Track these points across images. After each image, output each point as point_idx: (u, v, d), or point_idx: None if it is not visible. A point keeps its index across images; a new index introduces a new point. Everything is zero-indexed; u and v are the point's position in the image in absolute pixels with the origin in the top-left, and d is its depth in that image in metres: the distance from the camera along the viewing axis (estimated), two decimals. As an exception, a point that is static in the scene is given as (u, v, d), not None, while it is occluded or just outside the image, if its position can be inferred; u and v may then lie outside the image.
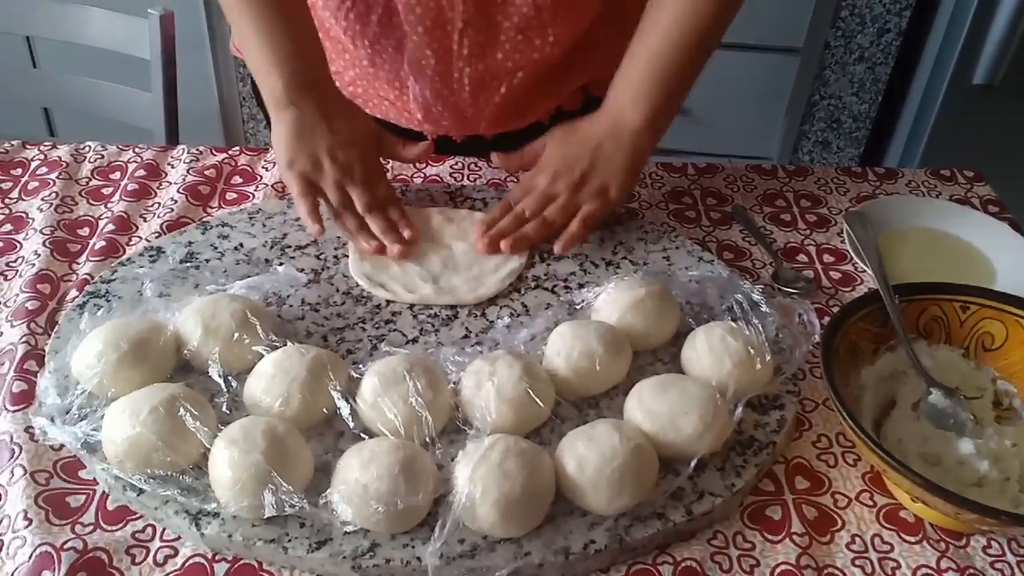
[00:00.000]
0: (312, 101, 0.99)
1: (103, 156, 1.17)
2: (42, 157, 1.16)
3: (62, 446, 0.79)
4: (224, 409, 0.80)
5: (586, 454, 0.74)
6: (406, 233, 1.00)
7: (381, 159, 1.06)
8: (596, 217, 1.02)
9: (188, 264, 0.98)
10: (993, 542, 0.76)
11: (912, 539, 0.76)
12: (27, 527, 0.73)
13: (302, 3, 1.02)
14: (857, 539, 0.76)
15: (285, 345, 0.83)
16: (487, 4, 1.03)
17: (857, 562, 0.74)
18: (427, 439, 0.77)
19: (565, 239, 1.00)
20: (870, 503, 0.79)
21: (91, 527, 0.74)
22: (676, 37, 1.00)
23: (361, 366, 0.82)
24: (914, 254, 1.05)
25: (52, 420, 0.78)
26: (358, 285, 0.96)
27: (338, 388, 0.80)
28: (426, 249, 1.01)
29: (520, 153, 1.07)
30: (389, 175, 1.16)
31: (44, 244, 1.01)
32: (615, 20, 1.09)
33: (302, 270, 0.97)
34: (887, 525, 0.77)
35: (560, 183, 1.02)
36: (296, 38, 1.00)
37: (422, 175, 1.16)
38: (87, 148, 1.18)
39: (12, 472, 0.77)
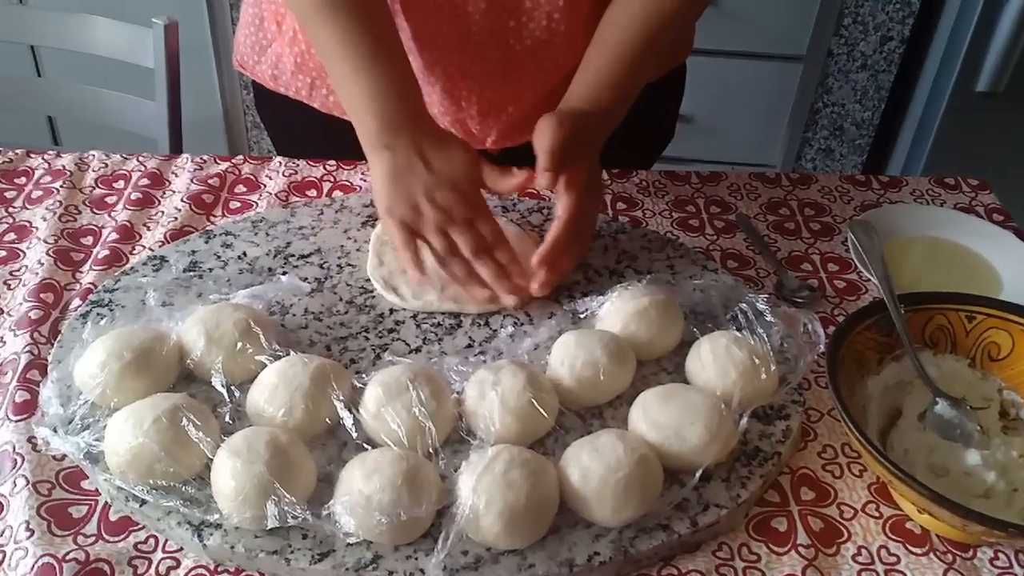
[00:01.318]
0: (406, 140, 0.94)
1: (107, 165, 1.17)
2: (46, 166, 1.16)
3: (64, 456, 0.79)
4: (227, 419, 0.80)
5: (590, 465, 0.73)
6: (519, 282, 0.95)
7: (483, 191, 0.98)
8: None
9: (191, 273, 0.97)
10: (1000, 554, 0.76)
11: (919, 551, 0.76)
12: (29, 538, 0.73)
13: (395, 36, 0.97)
14: (863, 551, 0.76)
15: (288, 354, 0.83)
16: (501, 28, 1.02)
17: (863, 574, 0.74)
18: (430, 449, 0.77)
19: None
20: (876, 514, 0.78)
21: (93, 538, 0.73)
22: (642, 30, 0.98)
23: (364, 376, 0.82)
24: (919, 263, 1.05)
25: (55, 430, 0.78)
26: (361, 294, 0.96)
27: (341, 398, 0.79)
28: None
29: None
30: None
31: (47, 253, 1.01)
32: None
33: (305, 279, 0.97)
34: (893, 537, 0.77)
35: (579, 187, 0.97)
36: (390, 75, 0.95)
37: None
38: (91, 157, 1.18)
39: (14, 482, 0.77)
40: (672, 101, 1.33)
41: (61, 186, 1.12)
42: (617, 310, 0.89)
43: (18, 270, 1.00)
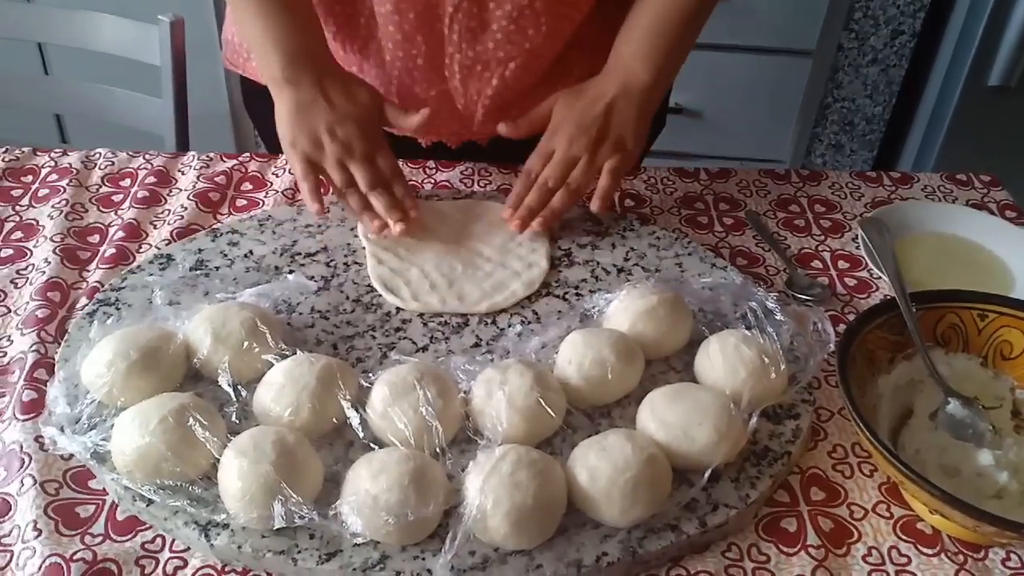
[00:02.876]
0: (310, 77, 0.99)
1: (113, 163, 1.17)
2: (52, 164, 1.16)
3: (72, 456, 0.79)
4: (234, 418, 0.80)
5: (598, 464, 0.73)
6: (412, 213, 1.00)
7: (384, 130, 1.05)
8: (621, 170, 1.03)
9: (198, 272, 0.97)
10: (1012, 555, 0.75)
11: (930, 552, 0.75)
12: (37, 537, 0.72)
13: None
14: (874, 551, 0.75)
15: (295, 354, 0.83)
16: None
17: (874, 575, 0.73)
18: (437, 449, 0.76)
19: (601, 196, 1.03)
20: (887, 515, 0.78)
21: (101, 538, 0.73)
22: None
23: (371, 375, 0.81)
24: (930, 260, 1.04)
25: (62, 429, 0.78)
26: (368, 292, 0.96)
27: (348, 397, 0.79)
28: (445, 249, 1.01)
29: (527, 118, 1.07)
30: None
31: (54, 251, 1.01)
32: (608, 20, 1.09)
33: (312, 277, 0.97)
34: (904, 537, 0.76)
35: (578, 145, 1.02)
36: (294, 18, 1.00)
37: (432, 181, 1.16)
38: (97, 155, 1.18)
39: (22, 482, 0.77)
40: None
41: (68, 184, 1.12)
42: (625, 308, 0.89)
43: (25, 269, 1.00)
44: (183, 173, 1.15)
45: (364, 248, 1.01)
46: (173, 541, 0.74)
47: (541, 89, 1.09)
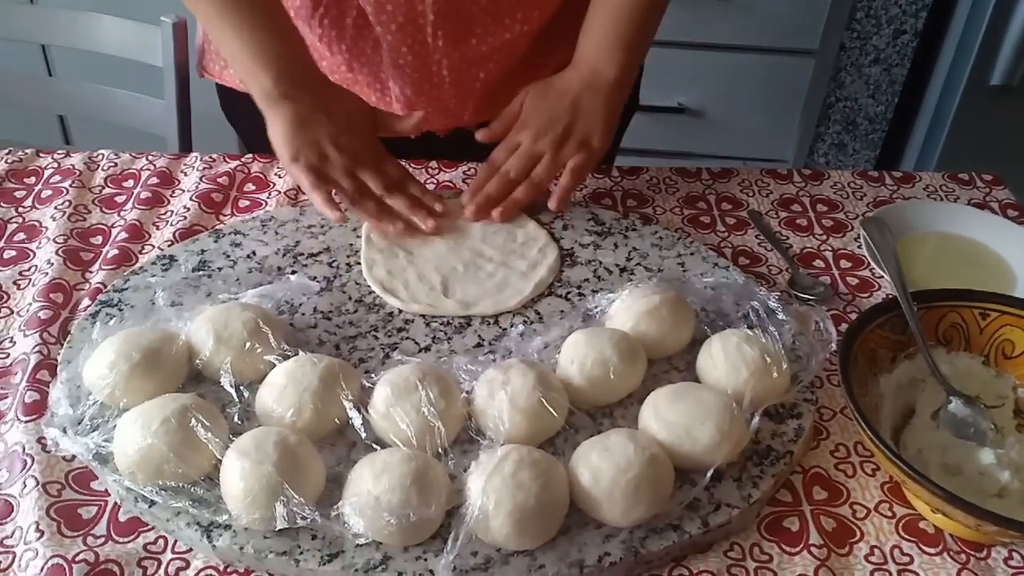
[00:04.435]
0: (306, 92, 0.99)
1: (116, 164, 1.17)
2: (55, 165, 1.16)
3: (74, 457, 0.79)
4: (236, 419, 0.80)
5: (600, 464, 0.73)
6: (437, 206, 0.99)
7: (380, 138, 1.05)
8: (584, 168, 1.04)
9: (200, 273, 0.97)
10: (1015, 553, 0.75)
11: (932, 551, 0.75)
12: (39, 539, 0.73)
13: (275, 1, 1.02)
14: (876, 551, 0.75)
15: (297, 354, 0.83)
16: None
17: (876, 574, 0.73)
18: (440, 449, 0.76)
19: (559, 194, 1.04)
20: (889, 514, 0.78)
21: (103, 539, 0.73)
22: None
23: (373, 375, 0.82)
24: (932, 260, 1.04)
25: (64, 431, 0.78)
26: (370, 293, 0.96)
27: (350, 398, 0.79)
28: (448, 248, 1.01)
29: (500, 120, 1.08)
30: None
31: (57, 253, 1.01)
32: (580, 8, 1.10)
33: (314, 278, 0.97)
34: (907, 536, 0.76)
35: (543, 141, 1.03)
36: (277, 33, 1.00)
37: (435, 181, 1.16)
38: (100, 156, 1.18)
39: (24, 483, 0.77)
40: None
41: (71, 185, 1.12)
42: (628, 308, 0.89)
43: (28, 270, 1.00)
44: (186, 174, 1.16)
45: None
46: (175, 542, 0.74)
47: (523, 78, 1.11)
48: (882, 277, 1.02)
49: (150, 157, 1.18)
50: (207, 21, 1.01)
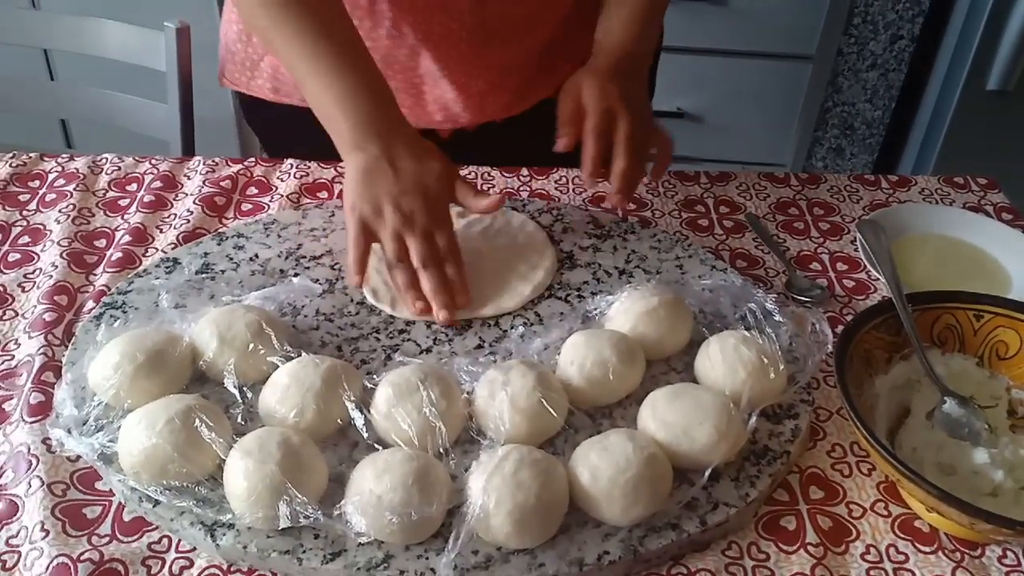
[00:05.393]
0: (379, 143, 0.94)
1: (120, 168, 1.18)
2: (59, 169, 1.17)
3: (79, 457, 0.80)
4: (239, 420, 0.80)
5: (599, 464, 0.74)
6: (459, 299, 0.95)
7: (452, 205, 1.00)
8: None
9: (204, 275, 0.98)
10: (1009, 552, 0.76)
11: (927, 549, 0.76)
12: (44, 538, 0.73)
13: (359, 38, 0.98)
14: (872, 549, 0.76)
15: (300, 356, 0.84)
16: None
17: (872, 572, 0.74)
18: (441, 449, 0.77)
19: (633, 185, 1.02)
20: (885, 513, 0.79)
21: (107, 538, 0.74)
22: None
23: (375, 376, 0.82)
24: (928, 262, 1.05)
25: (69, 431, 0.78)
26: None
27: (352, 398, 0.80)
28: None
29: (568, 125, 1.03)
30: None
31: (61, 255, 1.02)
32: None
33: (317, 280, 0.98)
34: (902, 535, 0.77)
35: (629, 121, 1.01)
36: (357, 79, 0.95)
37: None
38: (104, 160, 1.19)
39: (29, 483, 0.78)
40: None
41: (74, 189, 1.13)
42: (627, 310, 0.89)
43: (32, 273, 1.01)
44: (189, 178, 1.16)
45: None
46: (179, 541, 0.74)
47: (555, 67, 1.14)
48: (878, 279, 1.03)
49: (153, 161, 1.19)
50: (287, 61, 0.98)
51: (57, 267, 1.00)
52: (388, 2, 1.06)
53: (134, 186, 1.15)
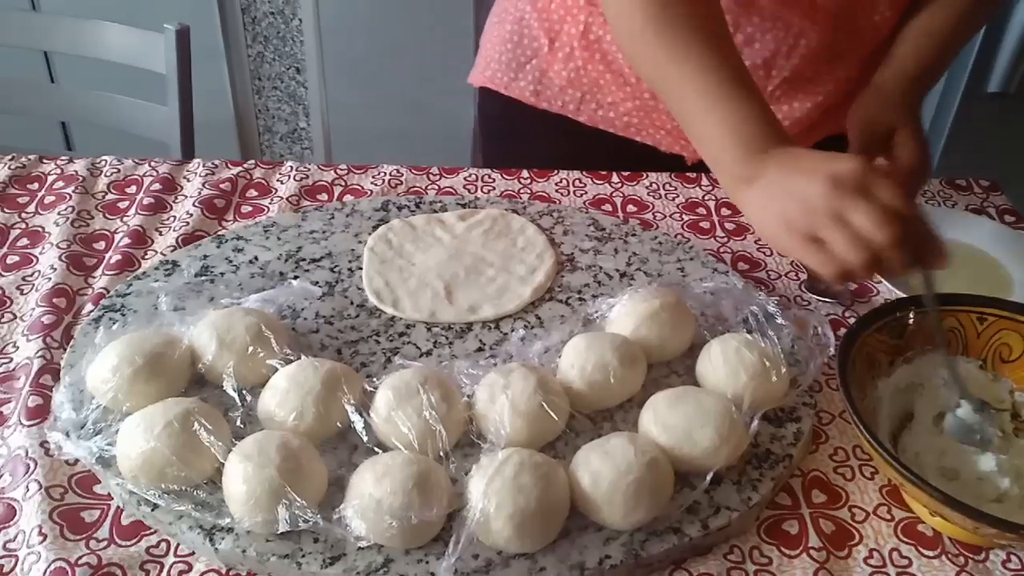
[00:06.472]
0: (771, 165, 0.83)
1: (119, 170, 1.17)
2: (59, 171, 1.17)
3: (77, 461, 0.79)
4: (238, 423, 0.80)
5: (601, 468, 0.73)
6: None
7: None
8: None
9: (203, 278, 0.98)
10: (1013, 556, 0.75)
11: (930, 553, 0.76)
12: (42, 542, 0.73)
13: (741, 61, 0.90)
14: (875, 553, 0.75)
15: (299, 359, 0.83)
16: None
17: (875, 577, 0.74)
18: (441, 453, 0.77)
19: None
20: (888, 517, 0.78)
21: (105, 542, 0.74)
22: (950, 33, 1.04)
23: (375, 379, 0.82)
24: (930, 264, 1.04)
25: (67, 435, 0.78)
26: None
27: (352, 402, 0.80)
28: (450, 255, 1.02)
29: (867, 147, 0.98)
30: (405, 186, 1.16)
31: (60, 258, 1.02)
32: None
33: (316, 283, 0.97)
34: (905, 539, 0.77)
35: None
36: (752, 106, 0.86)
37: (436, 187, 1.16)
38: (103, 162, 1.18)
39: (27, 487, 0.77)
40: None
41: (74, 191, 1.13)
42: (628, 313, 0.89)
43: (31, 275, 1.00)
44: (188, 180, 1.16)
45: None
46: (178, 545, 0.74)
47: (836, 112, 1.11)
48: (880, 282, 1.03)
49: (153, 163, 1.19)
50: (671, 99, 0.92)
51: (56, 270, 1.00)
52: None
53: (133, 188, 1.15)
